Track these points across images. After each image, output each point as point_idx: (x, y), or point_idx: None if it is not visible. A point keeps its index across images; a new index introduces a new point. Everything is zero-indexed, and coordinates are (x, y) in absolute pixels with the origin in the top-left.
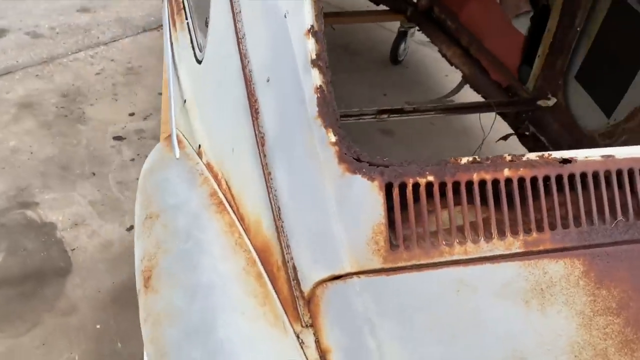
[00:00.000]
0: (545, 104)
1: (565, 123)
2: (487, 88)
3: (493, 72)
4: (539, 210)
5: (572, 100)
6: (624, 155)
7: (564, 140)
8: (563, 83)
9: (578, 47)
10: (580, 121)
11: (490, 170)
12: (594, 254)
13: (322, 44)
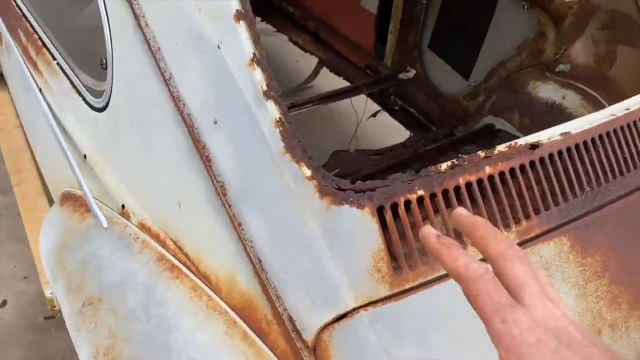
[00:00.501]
0: (406, 76)
1: (428, 92)
2: (347, 69)
3: (349, 54)
4: (522, 199)
5: (430, 70)
6: (577, 129)
7: (431, 107)
8: (418, 54)
9: (426, 18)
10: (442, 88)
11: (473, 171)
12: (575, 228)
13: (269, 72)
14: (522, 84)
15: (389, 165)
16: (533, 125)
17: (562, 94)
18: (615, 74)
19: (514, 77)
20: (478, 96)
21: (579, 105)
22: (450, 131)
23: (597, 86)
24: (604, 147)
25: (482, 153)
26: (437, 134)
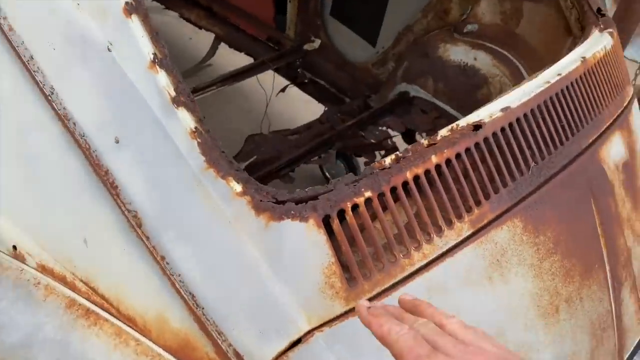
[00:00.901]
0: (311, 47)
1: (336, 61)
2: (248, 44)
3: (248, 27)
4: (470, 184)
5: (335, 38)
6: (515, 102)
7: (341, 78)
8: (322, 23)
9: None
10: (350, 56)
11: (420, 163)
12: (526, 207)
13: (175, 74)
14: (432, 47)
15: (311, 147)
16: (447, 90)
17: (473, 55)
18: (522, 31)
19: (422, 40)
20: (387, 63)
21: (490, 66)
22: (364, 101)
23: (506, 44)
24: (543, 118)
25: (425, 141)
26: (351, 106)
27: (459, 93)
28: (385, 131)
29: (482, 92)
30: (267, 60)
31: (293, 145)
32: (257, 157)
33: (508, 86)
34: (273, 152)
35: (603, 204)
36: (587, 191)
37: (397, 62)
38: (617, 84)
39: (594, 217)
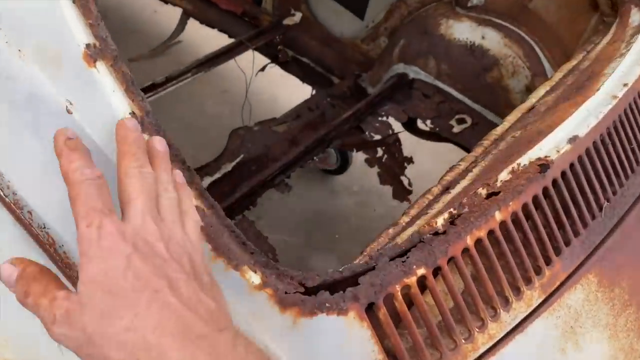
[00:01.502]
0: (291, 21)
1: (321, 37)
2: (221, 20)
3: (221, 1)
4: (539, 240)
5: (318, 11)
6: (583, 128)
7: (327, 55)
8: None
9: None
10: (336, 31)
11: (482, 222)
12: (600, 258)
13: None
14: (432, 24)
15: (306, 147)
16: (452, 72)
17: (481, 33)
18: (537, 6)
19: (420, 15)
20: (378, 38)
21: (501, 45)
22: (354, 81)
23: (517, 20)
24: (613, 143)
25: (483, 190)
26: (341, 88)
27: (465, 75)
28: (386, 122)
29: (493, 74)
30: (244, 40)
31: (283, 140)
32: (244, 155)
33: (522, 68)
34: (261, 149)
35: None
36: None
37: (392, 39)
38: None
39: None
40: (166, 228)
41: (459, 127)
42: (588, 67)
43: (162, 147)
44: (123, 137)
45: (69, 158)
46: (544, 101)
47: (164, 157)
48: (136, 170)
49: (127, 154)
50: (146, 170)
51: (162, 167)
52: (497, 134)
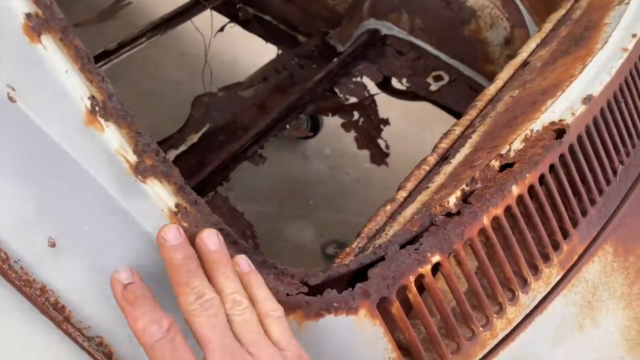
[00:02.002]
0: None
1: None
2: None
3: None
4: (556, 212)
5: None
6: (597, 85)
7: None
8: None
9: None
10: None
11: (498, 199)
12: (615, 226)
13: (132, 124)
14: None
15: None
16: (427, 26)
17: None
18: None
19: None
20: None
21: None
22: (322, 40)
23: None
24: (626, 101)
25: (495, 162)
26: (309, 46)
27: (441, 30)
28: (361, 83)
29: (470, 27)
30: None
31: (251, 105)
32: (210, 124)
33: (500, 19)
34: (228, 116)
35: None
36: None
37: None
38: None
39: None
40: (251, 355)
41: (436, 85)
42: (582, 17)
43: (214, 245)
44: (169, 262)
45: (133, 316)
46: (538, 56)
47: (220, 259)
48: (198, 307)
49: (180, 285)
50: (207, 298)
51: (221, 272)
52: (490, 94)
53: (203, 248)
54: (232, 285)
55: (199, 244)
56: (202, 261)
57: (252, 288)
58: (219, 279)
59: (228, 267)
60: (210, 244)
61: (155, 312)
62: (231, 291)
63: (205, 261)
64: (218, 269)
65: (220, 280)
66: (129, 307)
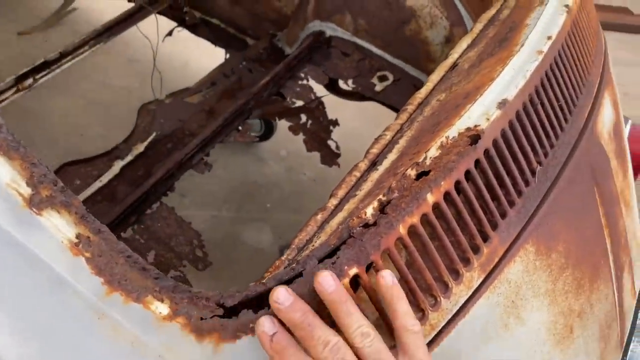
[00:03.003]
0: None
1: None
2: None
3: None
4: (475, 216)
5: None
6: (511, 89)
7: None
8: None
9: None
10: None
11: (414, 208)
12: (535, 226)
13: (24, 154)
14: None
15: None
16: (370, 27)
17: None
18: None
19: None
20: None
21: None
22: (270, 42)
23: None
24: (542, 102)
25: (412, 171)
26: (257, 49)
27: (383, 31)
28: (307, 86)
29: (411, 27)
30: (145, 4)
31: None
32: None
33: (439, 18)
34: (176, 124)
35: (605, 189)
36: (591, 181)
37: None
38: (594, 26)
39: (598, 209)
40: None
41: (381, 85)
42: (508, 17)
43: (331, 287)
44: (291, 323)
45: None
46: (466, 57)
47: (340, 298)
48: (328, 354)
49: (306, 340)
50: (332, 344)
51: (343, 311)
52: (421, 97)
53: (322, 290)
54: (356, 319)
55: (318, 288)
56: (325, 303)
57: (395, 300)
58: (343, 318)
59: (348, 303)
60: (327, 286)
61: (299, 355)
62: (357, 326)
63: (327, 302)
64: (340, 308)
65: (344, 318)
66: (278, 356)
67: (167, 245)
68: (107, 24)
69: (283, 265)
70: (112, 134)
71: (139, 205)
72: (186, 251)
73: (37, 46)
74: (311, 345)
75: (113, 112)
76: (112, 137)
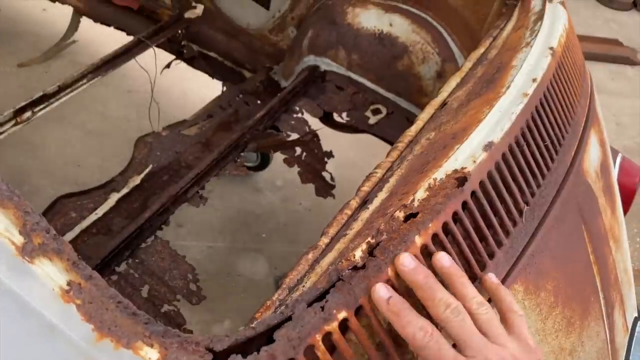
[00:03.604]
0: (193, 14)
1: (226, 29)
2: (117, 17)
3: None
4: (463, 257)
5: (221, 1)
6: (497, 132)
7: (235, 48)
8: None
9: None
10: (241, 21)
11: (402, 250)
12: (524, 265)
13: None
14: (339, 13)
15: (220, 153)
16: (363, 62)
17: (388, 20)
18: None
19: (326, 4)
20: (287, 28)
21: (409, 32)
22: (267, 75)
23: (423, 5)
24: (528, 143)
25: (400, 213)
26: (254, 82)
27: (376, 65)
28: (302, 119)
29: (403, 62)
30: (144, 38)
31: (195, 144)
32: (154, 165)
33: (431, 54)
34: (172, 156)
35: (593, 227)
36: (579, 219)
37: (300, 30)
38: (579, 67)
39: (586, 246)
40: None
41: (374, 118)
42: (496, 57)
43: (447, 262)
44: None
45: (401, 324)
46: (455, 96)
47: (456, 272)
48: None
49: (428, 300)
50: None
51: (460, 282)
52: (411, 135)
53: (439, 265)
54: (472, 290)
55: (435, 263)
56: (441, 275)
57: (500, 292)
58: (460, 288)
59: (464, 277)
60: (444, 261)
61: (418, 320)
62: (473, 295)
63: (444, 275)
64: (457, 280)
65: (461, 288)
66: (396, 317)
67: (161, 280)
68: (106, 57)
69: (274, 305)
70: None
71: (134, 239)
72: (180, 285)
73: (37, 78)
74: (433, 305)
75: (111, 142)
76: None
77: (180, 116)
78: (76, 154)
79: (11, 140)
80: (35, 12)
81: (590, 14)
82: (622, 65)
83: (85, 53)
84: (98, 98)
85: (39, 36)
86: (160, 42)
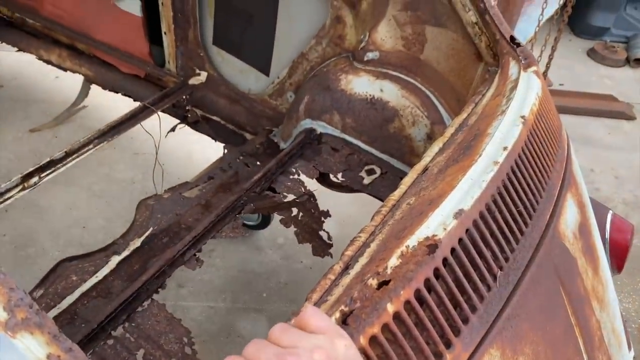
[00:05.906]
0: (197, 81)
1: (228, 95)
2: (124, 85)
3: (122, 65)
4: (436, 324)
5: (223, 69)
6: (468, 200)
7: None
8: (205, 53)
9: (202, 11)
10: (243, 87)
11: (374, 319)
12: (499, 329)
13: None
14: (333, 80)
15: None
16: (357, 125)
17: (379, 86)
18: (428, 57)
19: (321, 70)
20: (285, 93)
21: (399, 97)
22: (266, 137)
23: (412, 72)
24: (500, 210)
25: (373, 281)
26: (254, 144)
27: (369, 128)
28: (298, 180)
29: (394, 125)
30: (149, 104)
31: (195, 206)
32: (154, 227)
33: (421, 117)
34: (172, 218)
35: (572, 288)
36: (556, 281)
37: (297, 94)
38: (555, 133)
39: (566, 308)
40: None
41: (369, 178)
42: (475, 124)
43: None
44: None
45: None
46: (436, 162)
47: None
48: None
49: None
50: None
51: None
52: (394, 199)
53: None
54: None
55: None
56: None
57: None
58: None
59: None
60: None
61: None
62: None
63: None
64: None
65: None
66: None
67: (157, 343)
68: (111, 123)
69: None
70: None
71: (131, 302)
72: (175, 349)
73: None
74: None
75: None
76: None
77: (185, 177)
78: (82, 215)
79: (19, 203)
80: (48, 80)
81: (585, 71)
82: (618, 119)
83: (94, 118)
84: (105, 160)
85: (51, 102)
86: (165, 107)
